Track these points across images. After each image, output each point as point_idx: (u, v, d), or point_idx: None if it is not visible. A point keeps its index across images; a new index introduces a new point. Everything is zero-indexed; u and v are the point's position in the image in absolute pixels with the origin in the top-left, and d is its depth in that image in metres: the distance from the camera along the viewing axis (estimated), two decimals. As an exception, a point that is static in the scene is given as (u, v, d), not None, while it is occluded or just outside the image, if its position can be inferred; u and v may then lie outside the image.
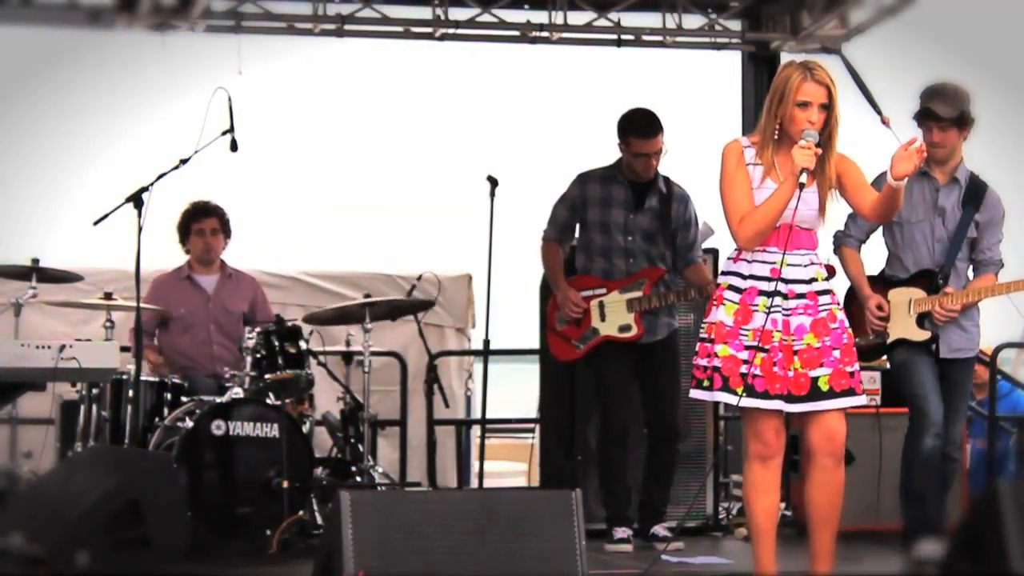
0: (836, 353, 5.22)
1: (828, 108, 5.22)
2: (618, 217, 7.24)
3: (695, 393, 5.38)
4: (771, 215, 5.19)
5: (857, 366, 5.29)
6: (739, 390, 5.17)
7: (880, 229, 6.66)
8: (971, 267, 6.63)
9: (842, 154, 5.34)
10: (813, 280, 5.28)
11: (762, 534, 5.31)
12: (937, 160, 6.52)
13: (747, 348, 5.18)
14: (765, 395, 5.17)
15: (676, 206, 7.27)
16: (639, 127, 7.20)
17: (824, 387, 5.19)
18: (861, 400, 5.28)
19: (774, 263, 5.21)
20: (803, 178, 5.13)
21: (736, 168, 5.28)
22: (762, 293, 5.22)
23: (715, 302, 5.31)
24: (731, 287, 5.27)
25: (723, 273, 5.39)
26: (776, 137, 5.27)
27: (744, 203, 5.26)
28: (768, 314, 5.17)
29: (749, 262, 5.26)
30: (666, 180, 7.31)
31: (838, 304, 5.34)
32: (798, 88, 5.21)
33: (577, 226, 7.37)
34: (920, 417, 6.43)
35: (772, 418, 5.23)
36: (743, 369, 5.17)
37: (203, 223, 7.88)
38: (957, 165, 6.57)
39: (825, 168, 5.26)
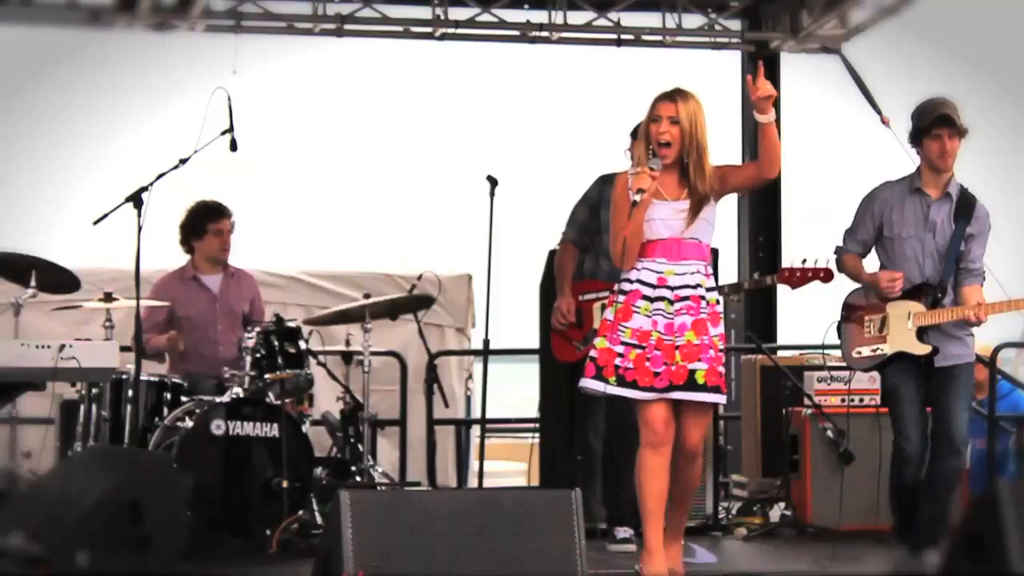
0: (711, 352, 5.72)
1: (678, 123, 5.71)
2: None
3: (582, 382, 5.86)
4: (619, 235, 5.71)
5: (723, 369, 5.77)
6: (611, 379, 5.71)
7: (874, 246, 6.67)
8: (954, 277, 6.59)
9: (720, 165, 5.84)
10: (698, 285, 5.77)
11: (652, 515, 5.78)
12: (944, 169, 6.52)
13: (623, 344, 5.72)
14: (633, 384, 5.70)
15: None
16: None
17: (700, 380, 5.70)
18: (723, 399, 5.82)
19: (661, 272, 5.75)
20: (637, 197, 5.63)
21: (620, 197, 5.77)
22: (644, 298, 5.75)
23: (607, 305, 5.87)
24: (620, 291, 5.82)
25: (618, 280, 5.85)
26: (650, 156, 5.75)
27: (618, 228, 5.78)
28: (650, 317, 5.70)
29: (638, 270, 5.78)
30: None
31: (721, 313, 5.83)
32: (652, 106, 5.81)
33: None
34: (898, 452, 6.49)
35: (661, 409, 5.72)
36: (617, 361, 5.71)
37: (221, 223, 7.77)
38: (950, 179, 6.56)
39: (697, 183, 5.73)
